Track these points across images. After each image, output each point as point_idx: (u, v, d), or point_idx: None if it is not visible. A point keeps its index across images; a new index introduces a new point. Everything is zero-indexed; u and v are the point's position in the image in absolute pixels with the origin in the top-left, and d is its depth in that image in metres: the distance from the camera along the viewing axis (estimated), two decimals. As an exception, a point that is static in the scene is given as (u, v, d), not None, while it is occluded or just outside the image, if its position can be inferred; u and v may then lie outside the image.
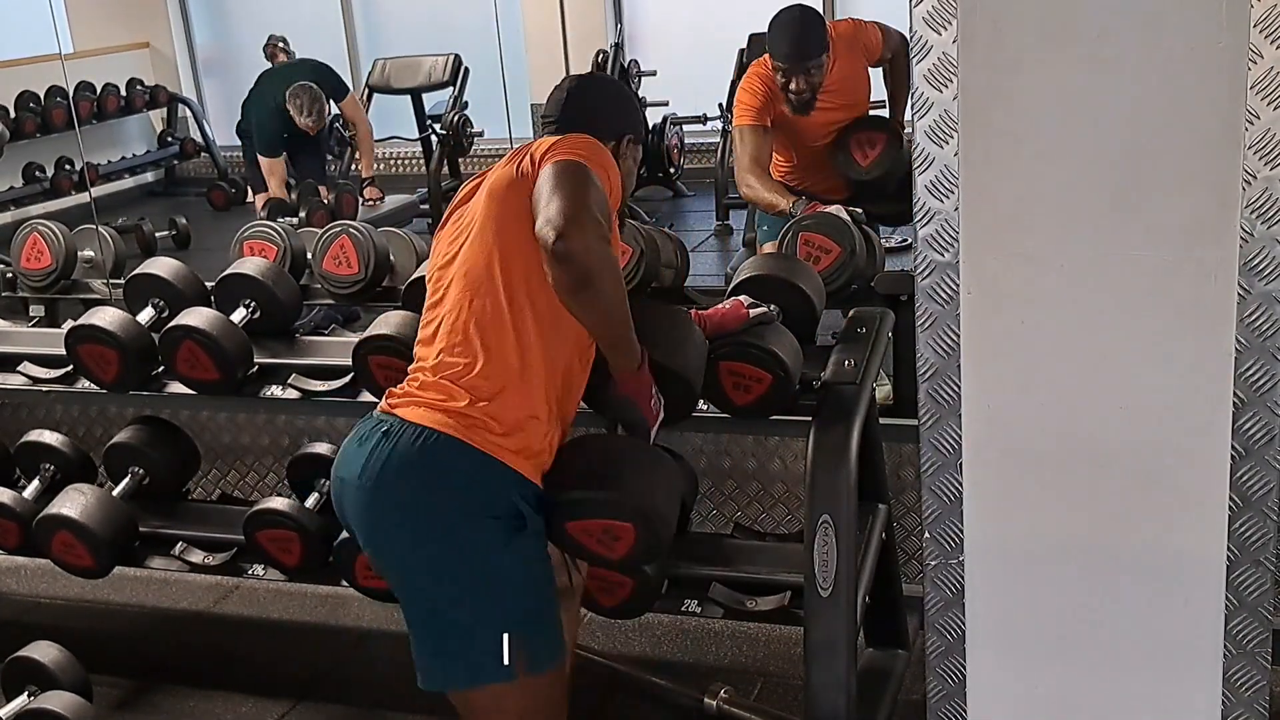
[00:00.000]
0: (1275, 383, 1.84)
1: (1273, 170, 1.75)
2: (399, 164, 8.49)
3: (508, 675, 2.12)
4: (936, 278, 1.95)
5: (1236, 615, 1.95)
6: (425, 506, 2.10)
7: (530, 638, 2.14)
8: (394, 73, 7.72)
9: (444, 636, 2.16)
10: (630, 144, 2.38)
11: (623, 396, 2.26)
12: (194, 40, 9.43)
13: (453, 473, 2.09)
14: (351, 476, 2.14)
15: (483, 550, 2.11)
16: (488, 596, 2.12)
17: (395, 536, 2.14)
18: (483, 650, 2.12)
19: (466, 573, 2.12)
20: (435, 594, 2.15)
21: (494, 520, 2.11)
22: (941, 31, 1.85)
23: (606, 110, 2.37)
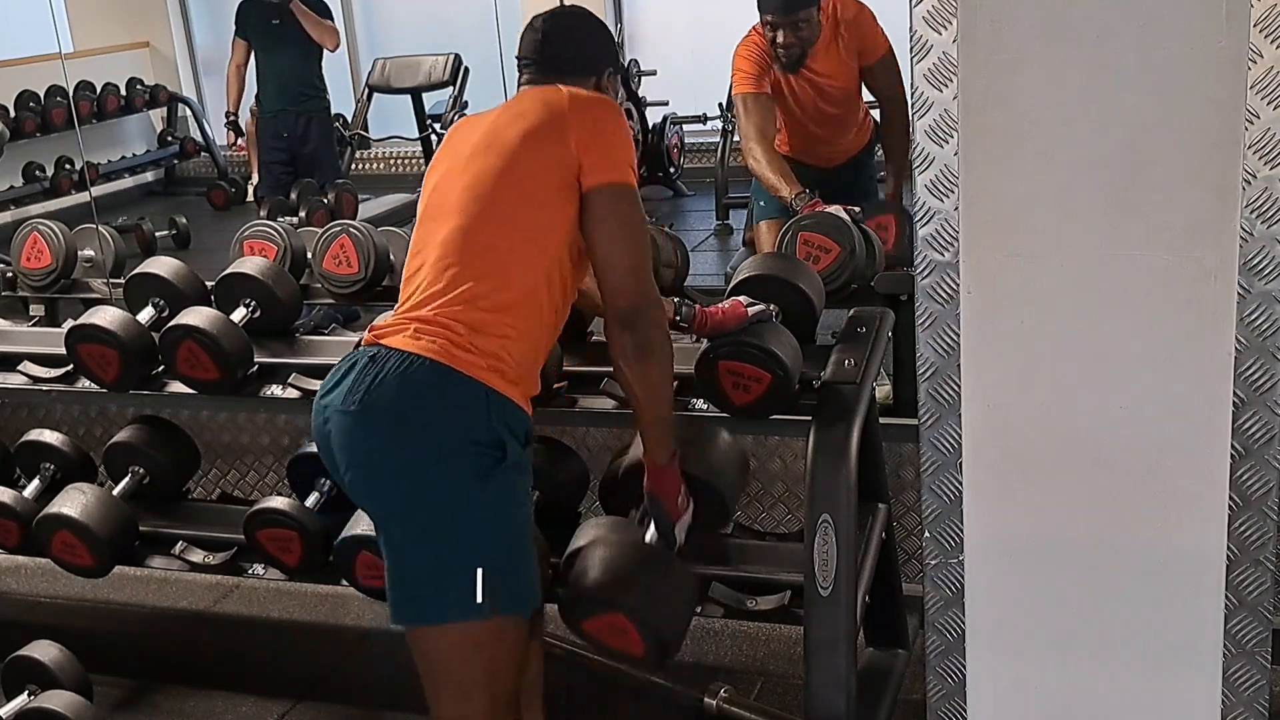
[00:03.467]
0: (1275, 382, 1.84)
1: (1273, 170, 1.75)
2: (399, 164, 8.49)
3: (478, 612, 2.09)
4: (936, 277, 1.95)
5: (1236, 615, 1.96)
6: (406, 432, 2.08)
7: (503, 576, 2.11)
8: (394, 72, 7.71)
9: (417, 570, 2.13)
10: (610, 77, 2.38)
11: (651, 492, 2.32)
12: (194, 40, 9.44)
13: (437, 397, 2.08)
14: (335, 402, 2.13)
15: (460, 480, 2.08)
16: (462, 531, 2.09)
17: (375, 463, 2.12)
18: (455, 585, 2.09)
19: (443, 503, 2.09)
20: (411, 524, 2.12)
21: (474, 447, 2.08)
22: (941, 31, 1.85)
23: (584, 49, 2.37)
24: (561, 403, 2.68)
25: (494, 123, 2.26)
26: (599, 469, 2.97)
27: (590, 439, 3.30)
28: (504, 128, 2.23)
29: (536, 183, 2.18)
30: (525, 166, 2.19)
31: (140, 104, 8.78)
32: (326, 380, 2.21)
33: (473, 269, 2.15)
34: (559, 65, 2.32)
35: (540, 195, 2.18)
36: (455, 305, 2.13)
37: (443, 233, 2.20)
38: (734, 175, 6.46)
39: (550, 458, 2.86)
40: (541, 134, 2.19)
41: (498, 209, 2.18)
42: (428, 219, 2.27)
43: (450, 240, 2.18)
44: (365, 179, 8.05)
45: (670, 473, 2.30)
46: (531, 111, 2.23)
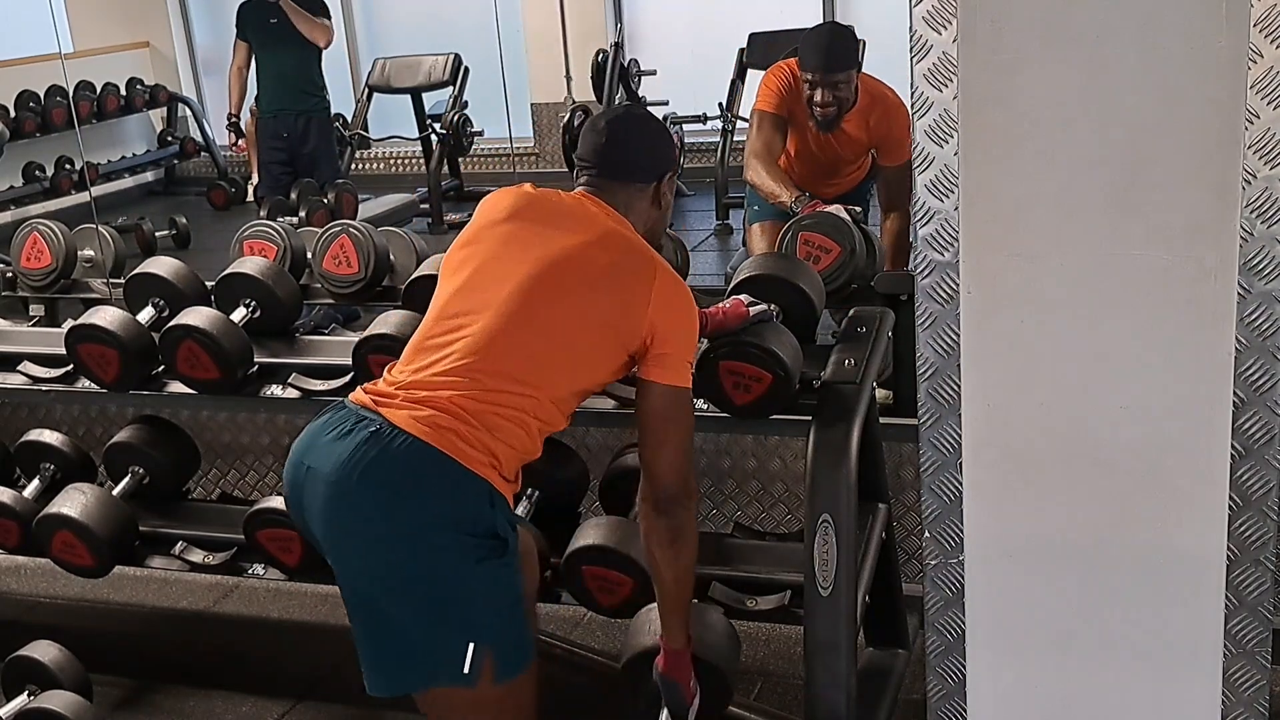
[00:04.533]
0: (1275, 382, 1.84)
1: (1273, 170, 1.75)
2: (399, 163, 8.49)
3: (466, 681, 2.10)
4: (936, 277, 1.95)
5: (1236, 615, 1.96)
6: (403, 515, 2.07)
7: (498, 649, 2.12)
8: (394, 72, 7.72)
9: (402, 644, 2.14)
10: (670, 180, 2.38)
11: (665, 677, 2.35)
12: (194, 40, 9.44)
13: (438, 485, 2.08)
14: (325, 469, 2.10)
15: (455, 565, 2.08)
16: (455, 609, 2.10)
17: (365, 540, 2.11)
18: (444, 657, 2.11)
19: (436, 586, 2.09)
20: (399, 603, 2.12)
21: (470, 538, 2.08)
22: (941, 31, 1.85)
23: (647, 153, 2.36)
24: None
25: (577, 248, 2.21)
26: (599, 469, 2.97)
27: (590, 439, 3.30)
28: (586, 264, 2.19)
29: (595, 326, 2.18)
30: (592, 305, 2.17)
31: (140, 104, 8.78)
32: (312, 435, 2.18)
33: (499, 372, 2.13)
34: (620, 171, 2.31)
35: (592, 340, 2.18)
36: (470, 401, 2.11)
37: (479, 322, 2.16)
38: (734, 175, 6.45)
39: (550, 458, 2.86)
40: (622, 288, 2.18)
41: (546, 329, 2.17)
42: (471, 293, 2.21)
43: (486, 335, 2.15)
44: (365, 179, 8.05)
45: (685, 657, 2.34)
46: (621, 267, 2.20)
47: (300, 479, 2.16)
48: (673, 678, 2.35)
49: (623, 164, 2.31)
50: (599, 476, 2.94)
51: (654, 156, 2.36)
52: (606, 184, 2.30)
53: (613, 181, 2.30)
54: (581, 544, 2.62)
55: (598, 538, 2.62)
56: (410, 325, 2.58)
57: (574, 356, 2.19)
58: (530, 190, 2.33)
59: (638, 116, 2.46)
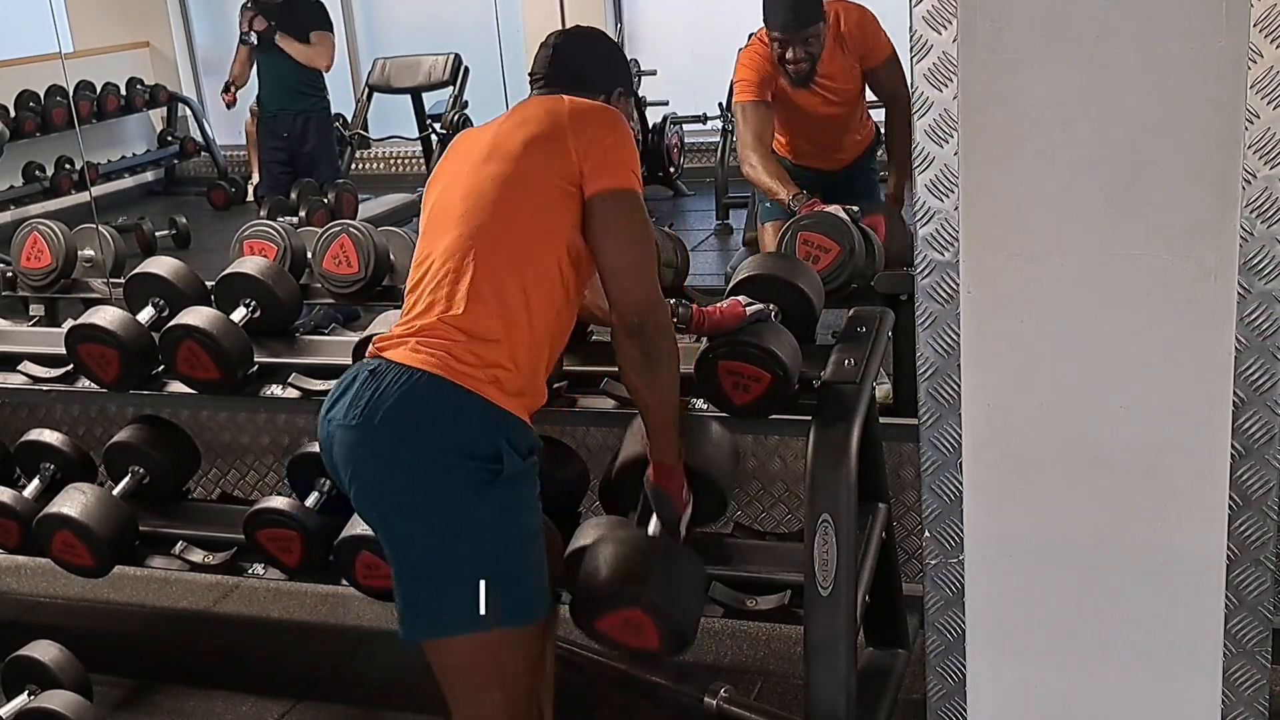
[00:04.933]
0: (1275, 382, 1.84)
1: (1273, 170, 1.75)
2: (399, 163, 8.49)
3: (481, 625, 2.08)
4: (936, 277, 1.95)
5: (1236, 615, 1.96)
6: (403, 446, 2.08)
7: (505, 587, 2.10)
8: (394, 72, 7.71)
9: (420, 584, 2.13)
10: (621, 97, 2.38)
11: (656, 488, 2.33)
12: (194, 40, 9.43)
13: (434, 411, 2.08)
14: (338, 417, 2.13)
15: (457, 493, 2.08)
16: (461, 542, 2.09)
17: (375, 477, 2.12)
18: (456, 598, 2.09)
19: (440, 515, 2.09)
20: (410, 538, 2.12)
21: (470, 460, 2.07)
22: (941, 31, 1.85)
23: (597, 67, 2.38)
24: (561, 403, 2.68)
25: (496, 132, 2.27)
26: (599, 469, 2.97)
27: (590, 439, 3.30)
28: (505, 136, 2.24)
29: (537, 189, 2.18)
30: (526, 173, 2.19)
31: (140, 104, 8.78)
32: (330, 394, 2.21)
33: (474, 277, 2.14)
34: (568, 81, 2.32)
35: (541, 201, 2.18)
36: (456, 314, 2.13)
37: (445, 242, 2.20)
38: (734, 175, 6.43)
39: (550, 458, 2.85)
40: (542, 140, 2.19)
41: (499, 216, 2.18)
42: (430, 230, 2.26)
43: (451, 249, 2.18)
44: (365, 179, 8.05)
45: (677, 470, 2.32)
46: (533, 119, 2.23)
47: (327, 436, 2.18)
48: (663, 488, 2.33)
49: (570, 75, 2.33)
50: (599, 476, 2.94)
51: (603, 69, 2.38)
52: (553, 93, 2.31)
53: (559, 91, 2.30)
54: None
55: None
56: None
57: (535, 226, 2.17)
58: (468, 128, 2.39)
59: (587, 32, 2.48)
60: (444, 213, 2.25)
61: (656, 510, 2.36)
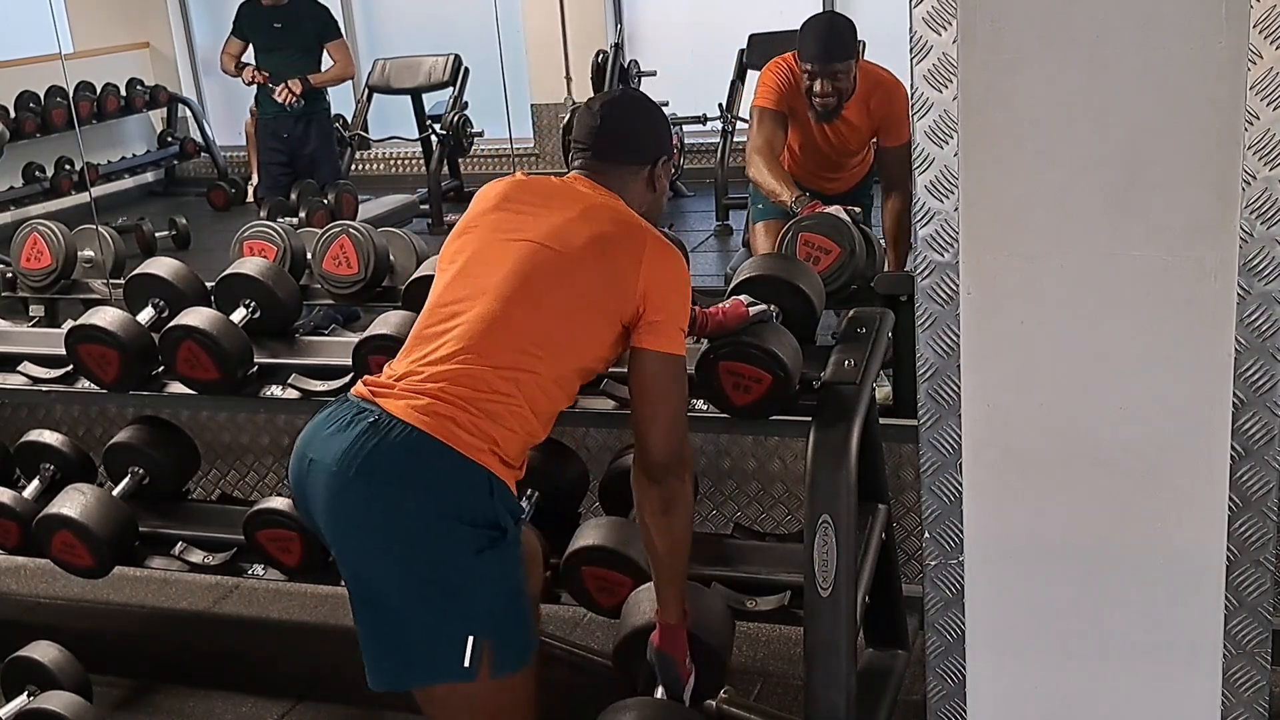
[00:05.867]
0: (1275, 383, 1.84)
1: (1272, 170, 1.75)
2: (399, 164, 8.49)
3: (467, 676, 2.10)
4: (936, 278, 1.95)
5: (1236, 615, 1.96)
6: (402, 505, 2.07)
7: (497, 641, 2.12)
8: (394, 73, 7.72)
9: (403, 637, 2.13)
10: (665, 164, 2.37)
11: (661, 653, 2.35)
12: (194, 40, 9.44)
13: (436, 474, 2.08)
14: (326, 461, 2.10)
15: (455, 555, 2.08)
16: (455, 600, 2.10)
17: (366, 531, 2.11)
18: (444, 650, 2.10)
19: (436, 576, 2.09)
20: (400, 594, 2.12)
21: (469, 528, 2.08)
22: (941, 32, 1.85)
23: (641, 135, 2.36)
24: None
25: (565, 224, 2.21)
26: (599, 469, 2.97)
27: (590, 439, 3.30)
28: (574, 238, 2.19)
29: (588, 301, 2.18)
30: (583, 286, 2.17)
31: (140, 104, 8.78)
32: (314, 428, 2.18)
33: (495, 359, 2.13)
34: (615, 153, 2.31)
35: (587, 314, 2.18)
36: (467, 388, 2.11)
37: (474, 309, 2.17)
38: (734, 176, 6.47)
39: (550, 458, 2.86)
40: (611, 259, 2.18)
41: (539, 308, 2.16)
42: (464, 282, 2.22)
43: (481, 320, 2.15)
44: (365, 179, 8.06)
45: (681, 633, 2.35)
46: (609, 238, 2.20)
47: (303, 472, 2.16)
48: (668, 653, 2.34)
49: (616, 145, 2.32)
50: (599, 477, 2.94)
51: (649, 138, 2.36)
52: (600, 166, 2.31)
53: (606, 163, 2.31)
54: (581, 544, 2.62)
55: (598, 538, 2.62)
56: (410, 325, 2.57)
57: (569, 333, 2.18)
58: (521, 177, 2.36)
59: (633, 99, 2.47)
60: (482, 275, 2.20)
61: (660, 676, 2.38)
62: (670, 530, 2.26)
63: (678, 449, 2.23)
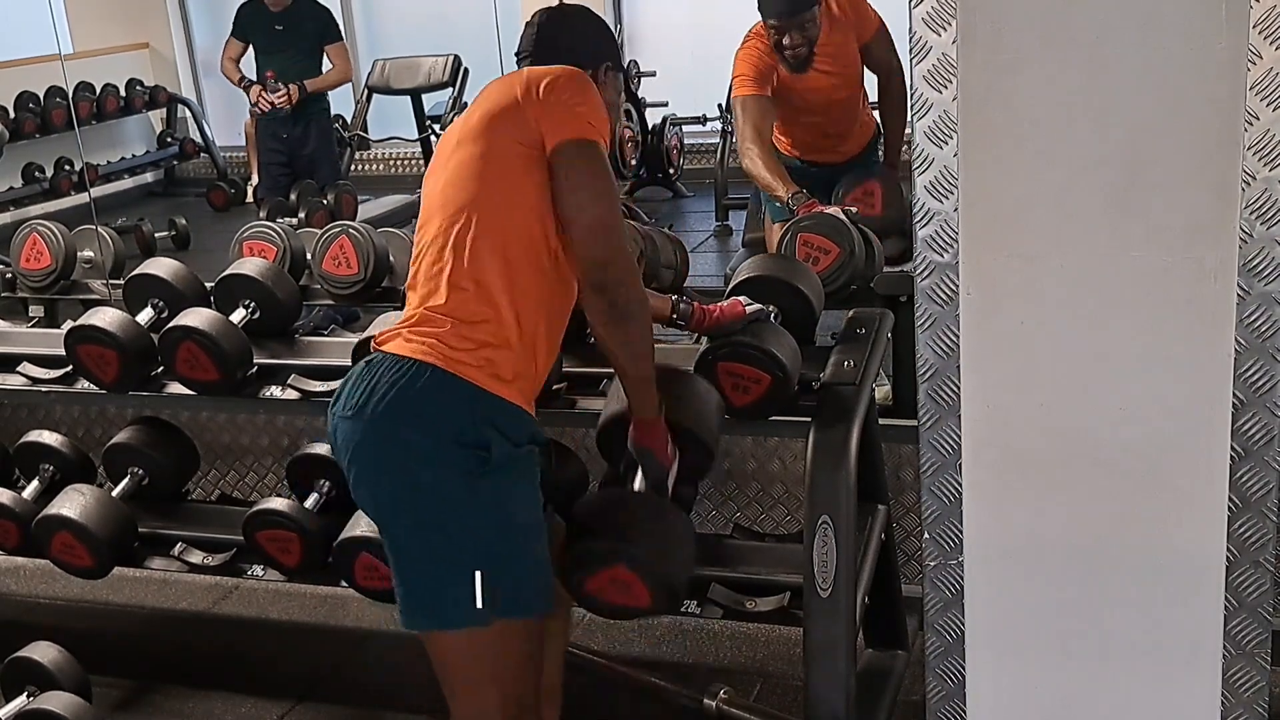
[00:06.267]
0: (1275, 383, 1.84)
1: (1272, 171, 1.75)
2: (399, 164, 8.49)
3: (480, 619, 2.07)
4: (936, 278, 1.95)
5: (1236, 616, 1.96)
6: (397, 436, 2.08)
7: (499, 578, 2.08)
8: (394, 73, 7.71)
9: (417, 576, 2.13)
10: (609, 72, 2.35)
11: (640, 446, 2.29)
12: (194, 41, 9.43)
13: (425, 399, 2.07)
14: (338, 409, 2.15)
15: (449, 482, 2.07)
16: (455, 532, 2.08)
17: (370, 467, 2.12)
18: (454, 591, 2.08)
19: (433, 506, 2.08)
20: (406, 528, 2.12)
21: (459, 449, 2.06)
22: (941, 32, 1.85)
23: (582, 42, 2.35)
24: (561, 403, 2.68)
25: (465, 116, 2.27)
26: (599, 469, 2.97)
27: (590, 439, 3.28)
28: (470, 117, 2.23)
29: (501, 161, 2.15)
30: (489, 148, 2.16)
31: (140, 105, 8.77)
32: (338, 389, 2.22)
33: (459, 262, 2.13)
34: (553, 58, 2.29)
35: (506, 172, 2.15)
36: (445, 301, 2.12)
37: (429, 233, 2.20)
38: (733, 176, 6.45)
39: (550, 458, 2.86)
40: (501, 111, 2.17)
41: (471, 197, 2.16)
42: (421, 225, 2.26)
43: (436, 239, 2.18)
44: (365, 180, 8.04)
45: (658, 424, 2.27)
46: (494, 94, 2.21)
47: (332, 429, 2.19)
48: (647, 446, 2.28)
49: (555, 52, 2.30)
50: (599, 477, 2.94)
51: (589, 43, 2.36)
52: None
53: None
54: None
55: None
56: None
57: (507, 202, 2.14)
58: None
59: (572, 9, 2.45)
60: (428, 205, 2.25)
61: (642, 468, 2.32)
62: (626, 336, 2.14)
63: (614, 246, 2.10)
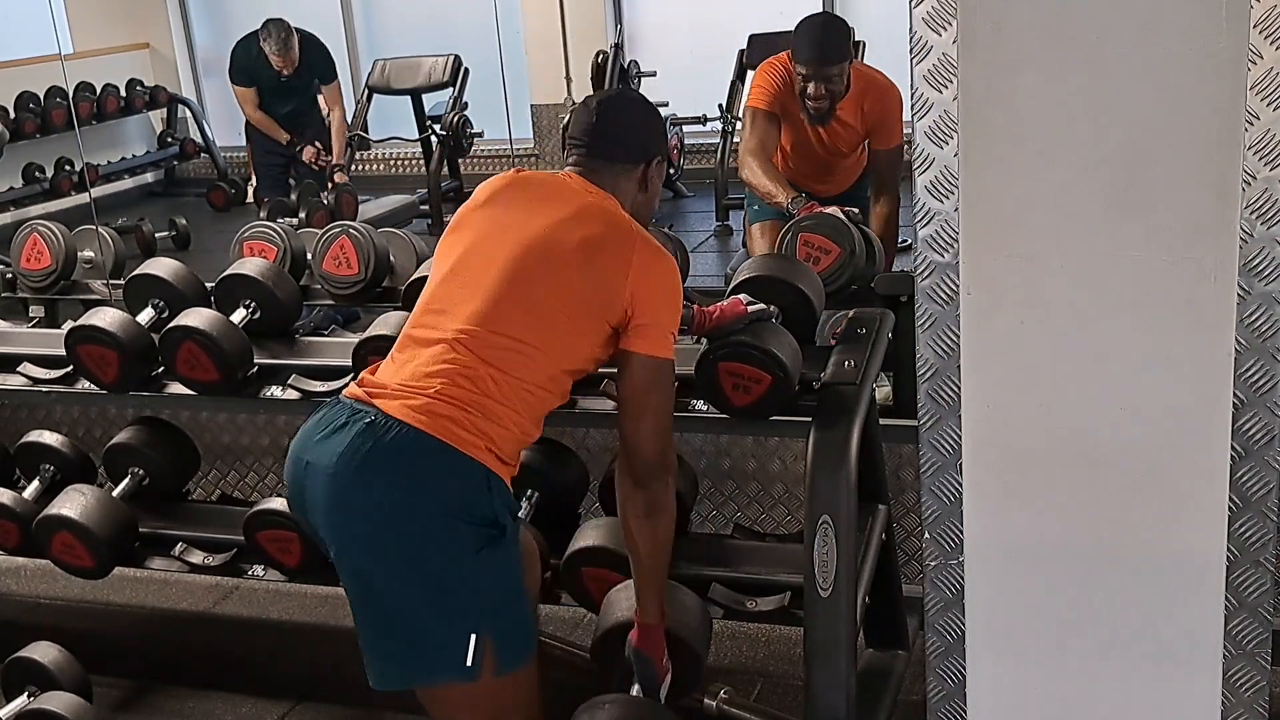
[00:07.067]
0: (1275, 383, 1.84)
1: (1272, 171, 1.75)
2: (399, 165, 8.49)
3: (468, 675, 2.11)
4: (936, 278, 1.95)
5: (1236, 615, 1.95)
6: (402, 505, 2.08)
7: (499, 639, 2.13)
8: (394, 73, 7.71)
9: (405, 635, 2.14)
10: (659, 165, 2.38)
11: (638, 651, 2.36)
12: (194, 41, 9.43)
13: (435, 472, 2.09)
14: (324, 463, 2.11)
15: (456, 553, 2.10)
16: (457, 599, 2.11)
17: (366, 531, 2.12)
18: (446, 649, 2.11)
19: (437, 574, 2.10)
20: (401, 593, 2.13)
21: (469, 525, 2.09)
22: (941, 32, 1.85)
23: (635, 134, 2.37)
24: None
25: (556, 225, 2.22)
26: (599, 470, 2.97)
27: (590, 439, 3.30)
28: (566, 239, 2.20)
29: (577, 302, 2.19)
30: (573, 287, 2.19)
31: (140, 105, 8.78)
32: (309, 430, 2.19)
33: (487, 358, 2.14)
34: (609, 151, 2.32)
35: (576, 315, 2.19)
36: (462, 387, 2.12)
37: (468, 308, 2.18)
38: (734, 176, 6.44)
39: (550, 458, 2.86)
40: (602, 260, 2.19)
41: (529, 312, 2.18)
42: (454, 283, 2.24)
43: (473, 321, 2.17)
44: (365, 180, 8.05)
45: (659, 633, 2.35)
46: (599, 240, 2.21)
47: (300, 475, 2.17)
48: (646, 653, 2.35)
49: (612, 144, 2.32)
50: (599, 477, 2.94)
51: (644, 138, 2.37)
52: (593, 163, 2.32)
53: (600, 161, 2.32)
54: (581, 545, 2.62)
55: (598, 539, 2.62)
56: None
57: (559, 333, 2.19)
58: (516, 173, 2.37)
59: (630, 98, 2.48)
60: (474, 275, 2.22)
61: (638, 674, 2.38)
62: (654, 533, 2.27)
63: (663, 452, 2.24)
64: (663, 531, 2.28)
